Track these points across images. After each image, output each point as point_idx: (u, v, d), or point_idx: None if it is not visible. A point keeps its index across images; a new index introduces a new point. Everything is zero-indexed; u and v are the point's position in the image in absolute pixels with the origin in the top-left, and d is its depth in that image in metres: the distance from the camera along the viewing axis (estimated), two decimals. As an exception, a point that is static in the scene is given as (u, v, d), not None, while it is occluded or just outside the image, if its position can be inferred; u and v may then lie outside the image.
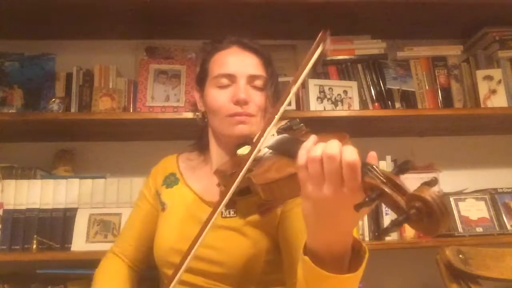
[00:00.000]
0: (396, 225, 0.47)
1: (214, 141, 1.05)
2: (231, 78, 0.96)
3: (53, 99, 1.63)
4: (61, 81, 1.71)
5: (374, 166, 0.53)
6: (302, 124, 0.81)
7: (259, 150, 0.76)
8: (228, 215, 0.94)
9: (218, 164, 0.99)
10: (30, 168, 1.62)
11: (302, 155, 0.58)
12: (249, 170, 0.74)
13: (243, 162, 0.73)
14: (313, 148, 0.57)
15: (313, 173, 0.55)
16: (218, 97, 0.96)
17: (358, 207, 0.50)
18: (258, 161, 0.76)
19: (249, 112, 0.94)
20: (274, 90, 1.01)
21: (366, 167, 0.53)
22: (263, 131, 0.74)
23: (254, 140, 0.76)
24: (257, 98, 0.96)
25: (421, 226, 0.47)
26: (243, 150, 0.87)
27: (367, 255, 0.62)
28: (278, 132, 0.81)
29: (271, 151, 0.77)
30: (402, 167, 0.52)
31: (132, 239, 1.11)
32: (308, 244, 0.62)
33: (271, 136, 0.79)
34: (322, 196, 0.55)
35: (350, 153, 0.53)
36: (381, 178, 0.51)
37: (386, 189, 0.49)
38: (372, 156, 0.56)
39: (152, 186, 1.12)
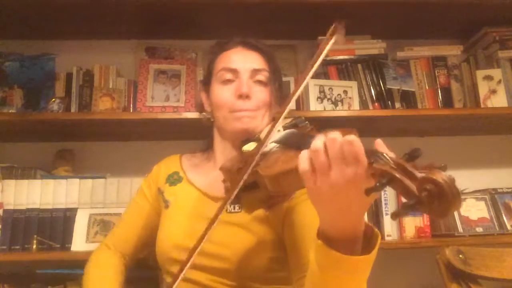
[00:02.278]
0: (407, 208, 0.47)
1: (219, 139, 1.06)
2: (234, 73, 0.99)
3: (53, 99, 1.63)
4: (61, 81, 1.71)
5: (383, 153, 0.54)
6: (307, 122, 0.82)
7: (266, 146, 0.76)
8: (233, 210, 0.94)
9: (222, 160, 0.99)
10: (30, 168, 1.62)
11: (304, 159, 0.58)
12: (256, 165, 0.74)
13: (250, 158, 0.73)
14: (313, 141, 0.57)
15: (319, 164, 0.56)
16: (222, 93, 0.99)
17: (369, 191, 0.50)
18: (264, 155, 0.76)
19: (251, 108, 0.97)
20: (278, 87, 1.04)
21: (375, 154, 0.54)
22: (272, 127, 0.75)
23: (262, 136, 0.76)
24: (260, 94, 0.99)
25: (432, 209, 0.47)
26: (249, 147, 0.88)
27: (379, 239, 0.63)
28: (284, 128, 0.82)
29: (278, 145, 0.78)
30: (412, 154, 0.52)
31: (129, 235, 1.10)
32: (320, 230, 0.63)
33: (277, 132, 0.80)
34: (331, 184, 0.55)
35: (348, 135, 0.55)
36: (391, 164, 0.52)
37: (396, 174, 0.50)
38: (379, 143, 0.57)
39: (154, 184, 1.12)
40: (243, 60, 1.01)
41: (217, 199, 0.98)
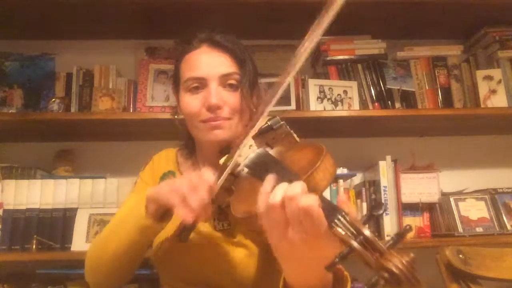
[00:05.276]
0: (371, 286, 0.46)
1: (198, 147, 1.02)
2: (202, 81, 0.90)
3: (53, 99, 1.64)
4: (61, 81, 1.71)
5: (344, 214, 0.51)
6: (283, 122, 0.76)
7: (238, 165, 0.73)
8: (222, 228, 0.92)
9: None
10: (30, 168, 1.62)
11: (262, 201, 0.55)
12: (230, 190, 0.72)
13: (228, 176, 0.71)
14: (272, 193, 0.54)
15: (275, 218, 0.53)
16: (190, 103, 0.91)
17: (330, 268, 0.48)
18: (237, 177, 0.73)
19: (224, 116, 0.89)
20: (252, 87, 0.95)
21: (335, 216, 0.51)
22: (239, 143, 0.70)
23: (231, 152, 0.72)
24: (231, 100, 0.90)
25: None
26: (227, 160, 0.85)
27: (349, 285, 0.61)
28: (257, 142, 0.76)
29: (247, 170, 0.73)
30: (373, 213, 0.51)
31: None
32: (286, 281, 0.61)
33: (249, 147, 0.75)
34: (289, 240, 0.53)
35: (306, 197, 0.51)
36: (351, 229, 0.49)
37: (356, 247, 0.48)
38: (342, 200, 0.55)
39: (151, 178, 1.08)
40: (210, 65, 0.91)
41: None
